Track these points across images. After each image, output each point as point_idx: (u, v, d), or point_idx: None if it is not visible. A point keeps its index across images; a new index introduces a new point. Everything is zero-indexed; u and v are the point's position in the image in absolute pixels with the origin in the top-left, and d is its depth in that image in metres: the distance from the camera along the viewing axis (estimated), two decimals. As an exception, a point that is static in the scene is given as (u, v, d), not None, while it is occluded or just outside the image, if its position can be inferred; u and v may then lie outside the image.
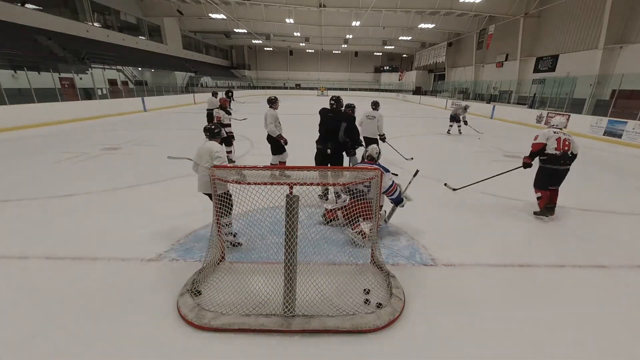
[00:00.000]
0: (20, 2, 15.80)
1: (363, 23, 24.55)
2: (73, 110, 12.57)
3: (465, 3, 19.61)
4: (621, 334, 2.24)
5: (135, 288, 2.58)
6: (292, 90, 43.30)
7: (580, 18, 15.80)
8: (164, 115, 15.85)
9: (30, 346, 2.00)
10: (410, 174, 4.08)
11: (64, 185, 4.98)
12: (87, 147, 7.77)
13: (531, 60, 19.61)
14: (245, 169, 2.59)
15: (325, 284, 2.49)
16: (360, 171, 2.84)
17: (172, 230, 3.54)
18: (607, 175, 6.54)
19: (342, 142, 4.48)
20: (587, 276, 2.93)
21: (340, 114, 4.57)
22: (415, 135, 11.32)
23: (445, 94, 28.79)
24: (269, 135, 5.47)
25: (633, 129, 10.14)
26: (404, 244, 3.40)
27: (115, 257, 3.00)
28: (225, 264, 2.90)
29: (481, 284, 2.76)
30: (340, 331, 2.13)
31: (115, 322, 2.21)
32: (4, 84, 10.50)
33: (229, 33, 31.61)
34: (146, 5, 24.28)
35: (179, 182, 5.35)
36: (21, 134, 9.45)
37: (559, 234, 3.77)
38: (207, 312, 2.22)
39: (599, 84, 13.84)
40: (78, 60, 16.17)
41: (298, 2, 21.80)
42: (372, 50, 40.14)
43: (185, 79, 25.78)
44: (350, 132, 4.45)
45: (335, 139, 4.43)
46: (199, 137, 9.79)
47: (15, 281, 2.65)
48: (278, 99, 5.70)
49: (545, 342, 2.14)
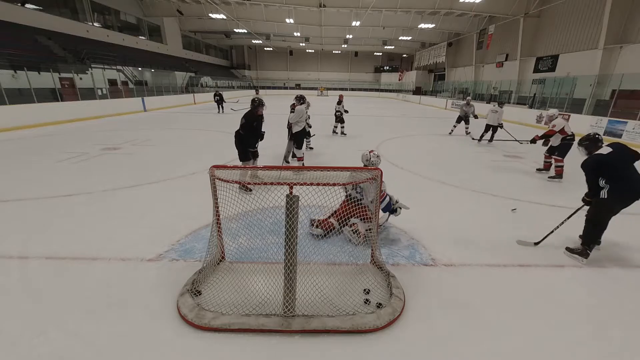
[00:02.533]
0: (20, 2, 15.79)
1: (363, 23, 24.54)
2: (73, 110, 12.57)
3: (465, 3, 19.60)
4: (621, 334, 2.24)
5: (135, 288, 2.58)
6: (292, 90, 43.29)
7: (580, 18, 15.80)
8: (164, 115, 15.84)
9: (30, 346, 2.00)
10: None
11: (64, 185, 4.98)
12: (87, 147, 7.77)
13: (531, 60, 19.60)
14: (245, 169, 2.59)
15: (325, 284, 2.49)
16: (360, 171, 2.84)
17: (172, 230, 3.54)
18: (607, 175, 6.52)
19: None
20: (587, 276, 2.93)
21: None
22: (415, 135, 11.31)
23: (445, 94, 28.78)
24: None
25: (633, 129, 10.14)
26: (404, 244, 3.40)
27: (115, 257, 3.00)
28: (225, 264, 2.90)
29: (481, 284, 2.76)
30: (340, 331, 2.13)
31: (115, 322, 2.21)
32: (4, 84, 10.50)
33: (229, 33, 31.60)
34: (146, 5, 24.27)
35: (179, 182, 5.35)
36: (21, 134, 9.45)
37: (558, 234, 3.77)
38: (207, 312, 2.22)
39: (599, 84, 13.83)
40: (78, 60, 16.16)
41: (298, 2, 21.79)
42: (372, 50, 40.12)
43: (185, 79, 25.75)
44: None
45: None
46: (198, 137, 9.81)
47: (15, 281, 2.65)
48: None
49: (545, 342, 2.14)
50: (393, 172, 6.09)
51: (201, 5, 23.54)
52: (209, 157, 7.29)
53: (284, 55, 44.04)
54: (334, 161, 7.11)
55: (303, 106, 6.31)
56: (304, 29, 29.05)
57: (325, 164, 6.76)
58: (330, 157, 7.45)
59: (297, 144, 6.18)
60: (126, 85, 18.69)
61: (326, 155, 7.63)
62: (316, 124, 8.73)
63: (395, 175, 5.85)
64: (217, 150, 8.10)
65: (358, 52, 42.54)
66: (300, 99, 6.61)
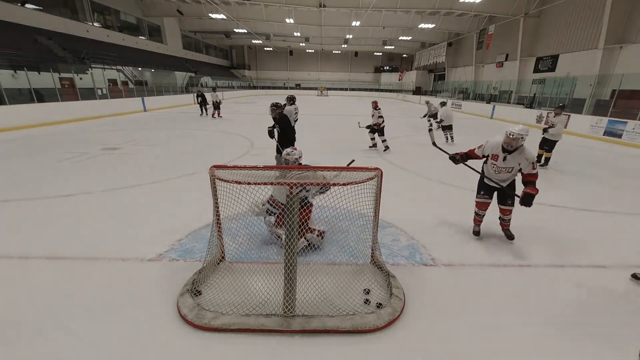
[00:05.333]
0: (20, 2, 15.79)
1: (363, 23, 24.54)
2: (73, 110, 12.57)
3: (465, 3, 19.59)
4: (621, 334, 2.24)
5: (135, 288, 2.58)
6: (292, 90, 43.30)
7: (580, 18, 15.79)
8: (164, 115, 15.84)
9: (30, 346, 2.00)
10: None
11: (64, 185, 4.98)
12: (87, 147, 7.77)
13: (531, 60, 19.60)
14: (245, 169, 2.59)
15: (325, 284, 2.49)
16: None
17: (172, 230, 3.54)
18: (607, 175, 6.54)
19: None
20: (587, 276, 2.93)
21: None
22: (415, 135, 11.31)
23: (445, 94, 28.79)
24: None
25: (633, 129, 10.14)
26: (404, 244, 3.40)
27: (115, 257, 3.00)
28: (225, 264, 2.90)
29: (481, 284, 2.76)
30: (340, 331, 2.13)
31: (115, 322, 2.21)
32: (4, 84, 10.49)
33: (229, 33, 31.57)
34: (146, 5, 24.27)
35: (179, 182, 5.35)
36: (21, 134, 9.45)
37: (558, 234, 3.77)
38: (207, 312, 2.22)
39: (599, 84, 13.83)
40: (78, 60, 16.16)
41: (298, 2, 21.78)
42: (372, 50, 40.11)
43: (185, 79, 25.76)
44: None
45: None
46: (198, 136, 9.82)
47: (16, 281, 2.65)
48: None
49: (545, 342, 2.14)
50: (393, 172, 6.09)
51: (201, 5, 23.53)
52: (209, 157, 7.28)
53: (284, 55, 44.02)
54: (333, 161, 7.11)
55: (292, 107, 6.32)
56: (304, 29, 29.04)
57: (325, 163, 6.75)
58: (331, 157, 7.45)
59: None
60: (126, 85, 18.70)
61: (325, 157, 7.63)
62: (315, 124, 8.70)
63: (395, 175, 5.86)
64: (217, 150, 8.10)
65: (358, 52, 42.52)
66: (290, 99, 6.58)
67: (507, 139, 3.04)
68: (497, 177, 3.32)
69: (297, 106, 6.86)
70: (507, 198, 3.33)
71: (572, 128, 12.16)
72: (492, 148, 3.26)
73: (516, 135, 2.99)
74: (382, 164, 6.76)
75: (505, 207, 3.38)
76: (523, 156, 3.07)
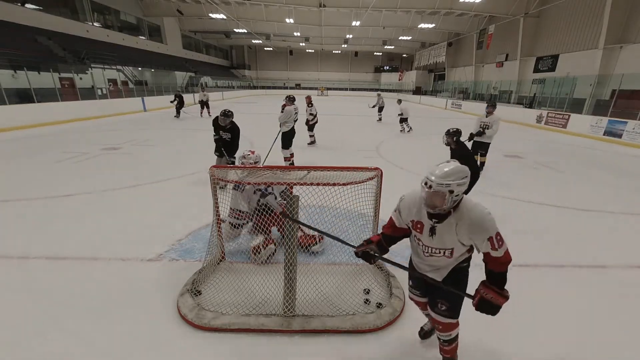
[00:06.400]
0: (20, 2, 15.78)
1: (363, 23, 24.53)
2: (73, 110, 12.56)
3: (465, 3, 19.59)
4: (621, 334, 2.24)
5: (135, 288, 2.58)
6: (293, 90, 43.30)
7: (580, 18, 15.79)
8: (164, 115, 15.83)
9: (30, 346, 2.00)
10: None
11: (64, 185, 4.98)
12: (87, 147, 7.77)
13: (531, 60, 19.59)
14: (245, 169, 2.59)
15: (325, 284, 2.49)
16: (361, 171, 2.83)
17: (172, 230, 3.54)
18: (607, 175, 6.54)
19: None
20: (587, 276, 2.93)
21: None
22: (414, 135, 11.31)
23: (445, 93, 28.77)
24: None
25: (633, 128, 10.14)
26: (404, 244, 3.38)
27: (115, 257, 3.00)
28: (225, 263, 2.90)
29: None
30: (340, 331, 2.13)
31: (115, 322, 2.21)
32: (4, 84, 10.49)
33: (229, 33, 31.57)
34: (146, 5, 24.26)
35: (179, 182, 5.34)
36: (21, 134, 9.45)
37: (558, 234, 3.77)
38: (207, 312, 2.22)
39: (599, 84, 13.82)
40: (78, 60, 16.15)
41: (298, 2, 21.78)
42: (372, 50, 40.09)
43: (185, 79, 25.75)
44: None
45: None
46: (198, 136, 9.80)
47: (16, 281, 2.65)
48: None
49: (545, 341, 2.14)
50: (393, 172, 6.09)
51: (201, 5, 23.52)
52: (209, 157, 7.27)
53: (284, 55, 44.02)
54: (333, 161, 7.11)
55: (292, 107, 6.29)
56: (304, 29, 29.03)
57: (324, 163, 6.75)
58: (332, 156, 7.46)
59: (283, 144, 6.15)
60: (126, 85, 18.69)
61: (326, 156, 7.63)
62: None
63: (395, 175, 5.85)
64: (217, 150, 8.09)
65: (358, 52, 42.49)
66: (290, 99, 6.55)
67: (425, 194, 1.52)
68: (428, 263, 1.78)
69: (297, 106, 6.86)
70: (440, 299, 1.79)
71: (572, 128, 12.16)
72: (410, 209, 1.68)
73: (436, 188, 1.46)
74: (382, 163, 6.76)
75: (437, 317, 1.80)
76: (466, 224, 1.55)
